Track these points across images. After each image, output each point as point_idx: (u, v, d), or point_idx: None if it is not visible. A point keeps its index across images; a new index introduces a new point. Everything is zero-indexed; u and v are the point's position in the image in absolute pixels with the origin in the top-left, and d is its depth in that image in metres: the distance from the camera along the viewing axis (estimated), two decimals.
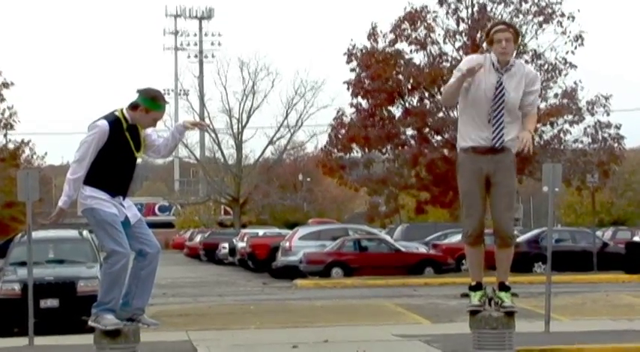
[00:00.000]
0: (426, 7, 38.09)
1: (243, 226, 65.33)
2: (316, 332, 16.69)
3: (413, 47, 38.16)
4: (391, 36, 38.24)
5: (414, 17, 38.08)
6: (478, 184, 8.97)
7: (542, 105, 36.67)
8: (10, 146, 53.49)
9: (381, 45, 38.45)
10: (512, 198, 9.12)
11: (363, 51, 38.35)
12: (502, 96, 8.82)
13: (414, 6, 38.06)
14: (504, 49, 8.81)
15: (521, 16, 38.21)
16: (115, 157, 8.83)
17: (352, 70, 38.56)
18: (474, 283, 9.21)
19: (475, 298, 9.11)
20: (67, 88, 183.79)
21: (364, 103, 38.73)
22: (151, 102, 8.91)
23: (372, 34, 38.50)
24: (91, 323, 8.86)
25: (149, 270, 8.99)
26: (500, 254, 9.19)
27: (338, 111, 39.36)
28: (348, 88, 38.59)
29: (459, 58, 38.04)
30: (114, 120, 8.84)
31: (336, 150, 39.41)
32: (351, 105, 38.96)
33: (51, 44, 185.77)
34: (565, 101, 37.92)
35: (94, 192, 8.80)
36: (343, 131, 38.90)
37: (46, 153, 72.43)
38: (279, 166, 74.23)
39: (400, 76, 38.23)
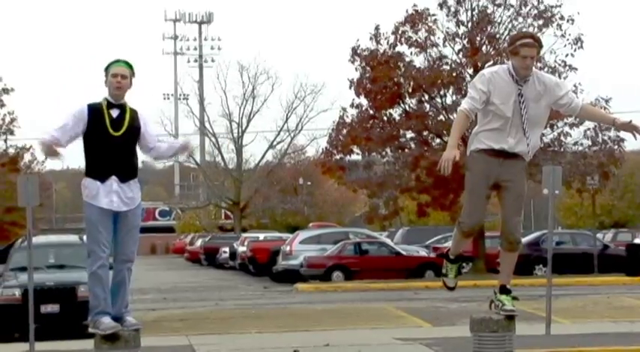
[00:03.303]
0: (428, 9, 38.10)
1: (244, 230, 65.27)
2: (317, 336, 16.67)
3: (413, 49, 38.15)
4: (392, 38, 38.24)
5: (415, 19, 38.08)
6: (485, 185, 8.92)
7: None
8: (11, 151, 53.45)
9: (383, 47, 38.43)
10: (521, 203, 9.07)
11: (367, 52, 38.37)
12: (525, 107, 8.77)
13: (417, 8, 38.02)
14: (528, 65, 8.75)
15: (520, 19, 38.20)
16: (95, 138, 9.00)
17: (356, 69, 38.57)
18: (453, 257, 9.39)
19: (452, 273, 9.41)
20: (67, 94, 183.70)
21: (365, 104, 38.70)
22: (107, 66, 9.10)
23: (375, 36, 38.51)
24: (90, 329, 8.88)
25: (116, 281, 9.07)
26: (505, 257, 9.14)
27: (341, 110, 39.30)
28: (350, 87, 38.53)
29: (458, 61, 38.04)
30: (95, 104, 9.08)
31: (335, 152, 39.35)
32: (352, 105, 38.92)
33: (51, 49, 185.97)
34: None
35: (89, 183, 9.00)
36: (345, 131, 38.85)
37: (46, 158, 72.34)
38: (280, 170, 74.22)
39: (401, 79, 38.22)
